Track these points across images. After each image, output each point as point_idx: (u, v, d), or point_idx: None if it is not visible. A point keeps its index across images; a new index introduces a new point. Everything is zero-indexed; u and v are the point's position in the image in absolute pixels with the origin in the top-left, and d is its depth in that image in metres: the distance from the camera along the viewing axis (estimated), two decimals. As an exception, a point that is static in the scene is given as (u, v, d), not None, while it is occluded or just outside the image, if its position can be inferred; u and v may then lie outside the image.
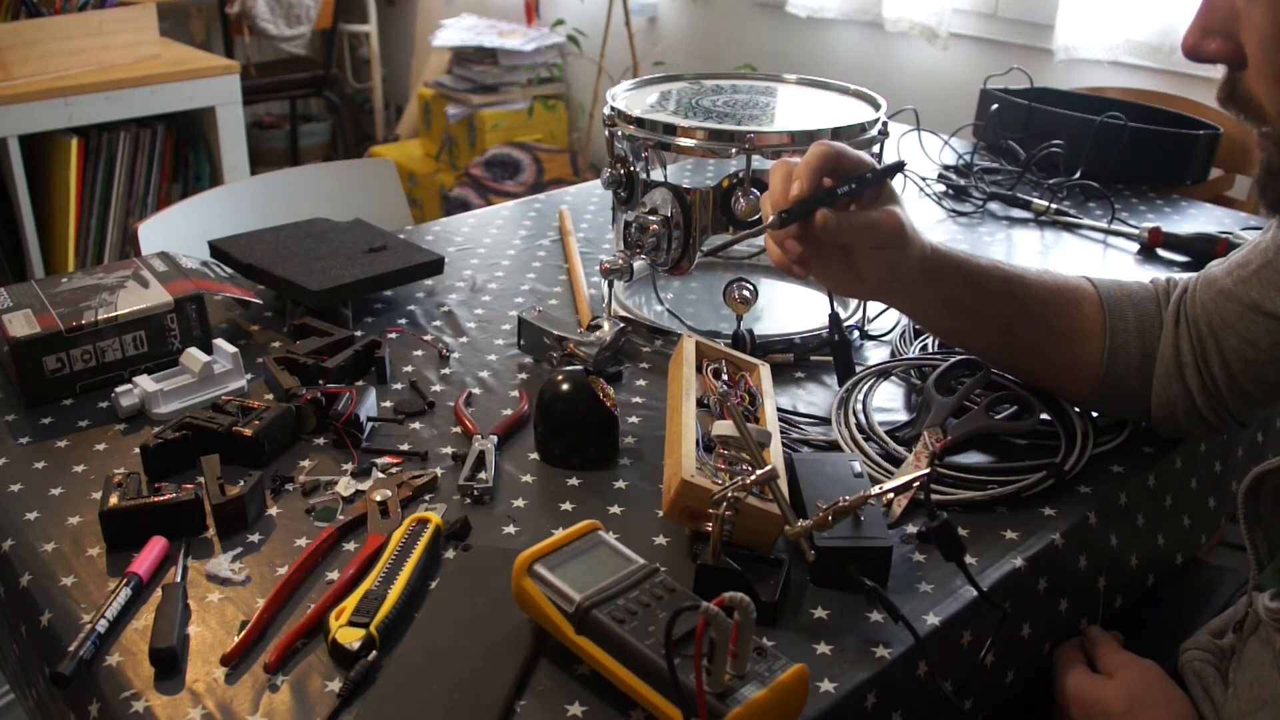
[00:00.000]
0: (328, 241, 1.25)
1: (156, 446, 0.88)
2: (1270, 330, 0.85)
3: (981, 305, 0.91)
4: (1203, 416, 0.91)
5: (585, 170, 3.68)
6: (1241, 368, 0.87)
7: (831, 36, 3.04)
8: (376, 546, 0.79)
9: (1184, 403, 0.91)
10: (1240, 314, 0.87)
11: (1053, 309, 0.92)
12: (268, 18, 3.92)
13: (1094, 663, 0.86)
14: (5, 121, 2.26)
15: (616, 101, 1.13)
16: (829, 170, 0.83)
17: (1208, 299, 0.90)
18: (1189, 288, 0.93)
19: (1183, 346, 0.90)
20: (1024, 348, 0.95)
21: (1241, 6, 0.65)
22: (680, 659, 0.61)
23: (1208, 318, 0.89)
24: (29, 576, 0.79)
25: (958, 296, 0.91)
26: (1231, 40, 0.66)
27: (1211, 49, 0.67)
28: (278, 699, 0.67)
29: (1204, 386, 0.90)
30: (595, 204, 1.59)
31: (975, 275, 0.91)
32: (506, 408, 1.01)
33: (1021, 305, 0.92)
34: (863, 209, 0.85)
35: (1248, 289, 0.86)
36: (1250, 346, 0.86)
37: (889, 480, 0.79)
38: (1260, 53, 0.64)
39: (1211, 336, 0.88)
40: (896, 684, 0.72)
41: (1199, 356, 0.89)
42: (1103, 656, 0.86)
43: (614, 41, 3.49)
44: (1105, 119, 1.59)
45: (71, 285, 1.07)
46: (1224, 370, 0.88)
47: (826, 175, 0.83)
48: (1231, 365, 0.88)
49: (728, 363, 0.98)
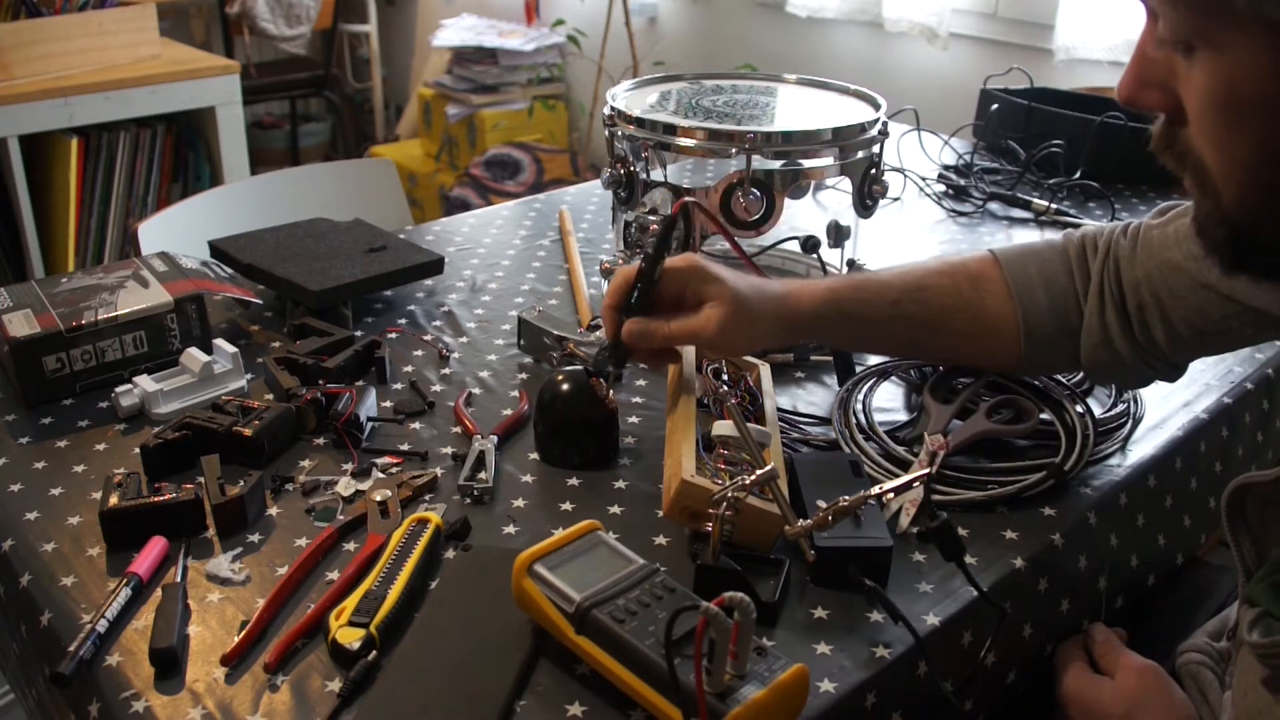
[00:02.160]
0: (328, 241, 1.25)
1: (156, 446, 0.88)
2: (1223, 306, 0.84)
3: (877, 335, 0.95)
4: (1133, 370, 0.92)
5: (585, 170, 3.68)
6: (1189, 333, 0.87)
7: (831, 36, 3.04)
8: (376, 546, 0.79)
9: (1113, 364, 0.91)
10: (1191, 289, 0.86)
11: (955, 314, 0.93)
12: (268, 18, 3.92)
13: (1096, 662, 0.86)
14: (5, 121, 2.26)
15: (616, 101, 1.13)
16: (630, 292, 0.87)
17: (1152, 268, 0.88)
18: (1114, 250, 0.91)
19: (1109, 319, 0.90)
20: (938, 350, 0.98)
21: (1180, 66, 0.60)
22: (680, 659, 0.61)
23: (1151, 286, 0.88)
24: (29, 576, 0.79)
25: (850, 334, 0.95)
26: (1169, 94, 0.62)
27: (1150, 100, 0.64)
28: (278, 699, 0.67)
29: (1136, 347, 0.90)
30: (595, 204, 1.59)
31: (860, 312, 0.92)
32: (506, 408, 1.01)
33: (921, 322, 0.93)
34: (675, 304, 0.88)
35: (1200, 267, 0.85)
36: (1200, 317, 0.86)
37: (889, 480, 0.79)
38: (1202, 116, 0.60)
39: (1155, 305, 0.88)
40: (896, 684, 0.72)
41: (1135, 323, 0.89)
42: (1104, 656, 0.86)
43: (614, 41, 3.49)
44: (1105, 119, 1.59)
45: (71, 285, 1.07)
46: (1167, 333, 0.88)
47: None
48: (1178, 330, 0.87)
49: (728, 363, 0.98)
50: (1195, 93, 0.60)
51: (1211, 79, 0.58)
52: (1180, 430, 1.01)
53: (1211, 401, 1.05)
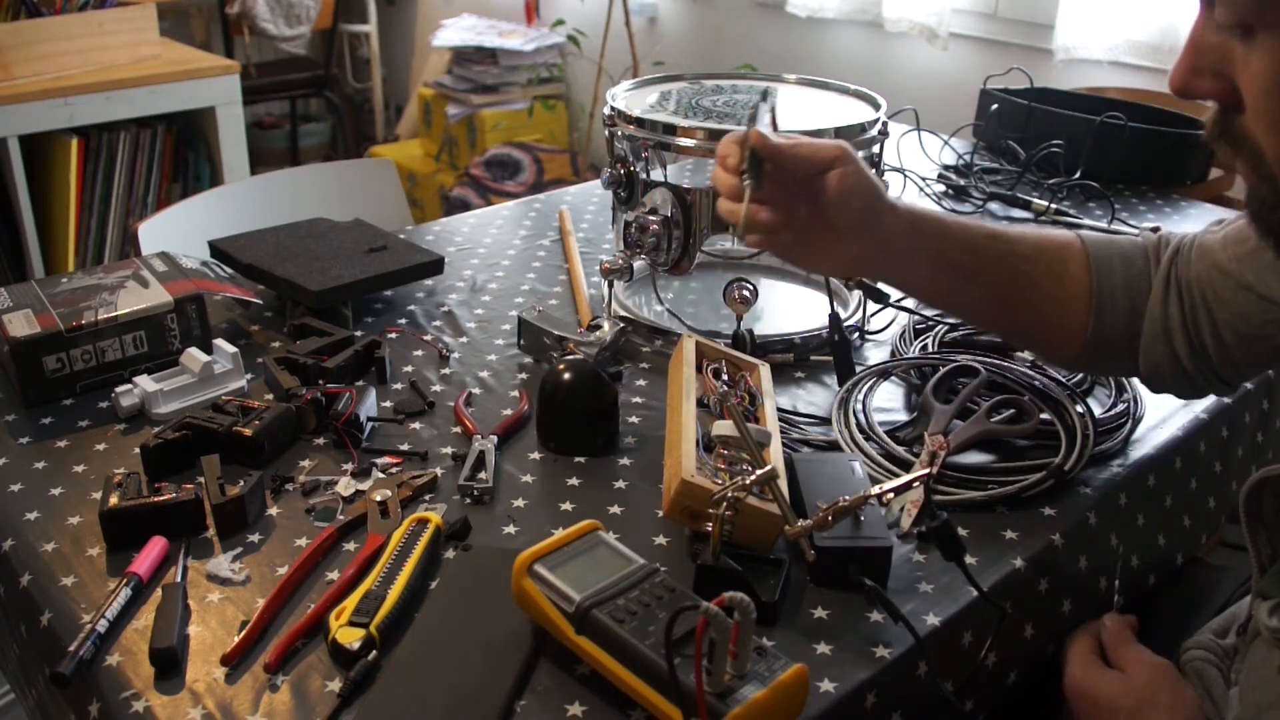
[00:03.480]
0: (328, 241, 1.25)
1: (156, 446, 0.88)
2: (1262, 310, 0.84)
3: (968, 260, 0.90)
4: (1190, 378, 0.90)
5: (585, 170, 3.68)
6: (1233, 340, 0.87)
7: (831, 36, 3.04)
8: (376, 546, 0.79)
9: (1170, 364, 0.90)
10: (1234, 291, 0.86)
11: (1040, 266, 0.91)
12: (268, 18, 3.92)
13: (1106, 654, 0.86)
14: (5, 121, 2.26)
15: (616, 101, 1.13)
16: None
17: (1202, 270, 0.88)
18: (1181, 249, 0.91)
19: (1171, 310, 0.89)
20: (1014, 305, 0.93)
21: (1236, 51, 0.61)
22: (680, 659, 0.61)
23: (1200, 287, 0.88)
24: (29, 576, 0.79)
25: (943, 250, 0.89)
26: (1222, 79, 0.63)
27: (1203, 88, 0.64)
28: (278, 699, 0.67)
29: (1192, 351, 0.89)
30: (595, 204, 1.59)
31: (958, 229, 0.90)
32: (506, 408, 1.01)
33: (1008, 262, 0.91)
34: None
35: (1242, 268, 0.85)
36: (1242, 321, 0.85)
37: (889, 480, 0.79)
38: (1261, 101, 0.61)
39: (1204, 306, 0.87)
40: (896, 684, 0.72)
41: (1190, 322, 0.88)
42: (1116, 649, 0.85)
43: (614, 41, 3.49)
44: (1105, 119, 1.59)
45: (71, 285, 1.07)
46: (1215, 339, 0.87)
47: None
48: (1223, 335, 0.87)
49: (728, 363, 0.98)
50: (1254, 76, 0.60)
51: (1272, 61, 0.59)
52: (1180, 430, 1.01)
53: (1211, 401, 1.05)
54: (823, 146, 0.84)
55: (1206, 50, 0.63)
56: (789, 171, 0.84)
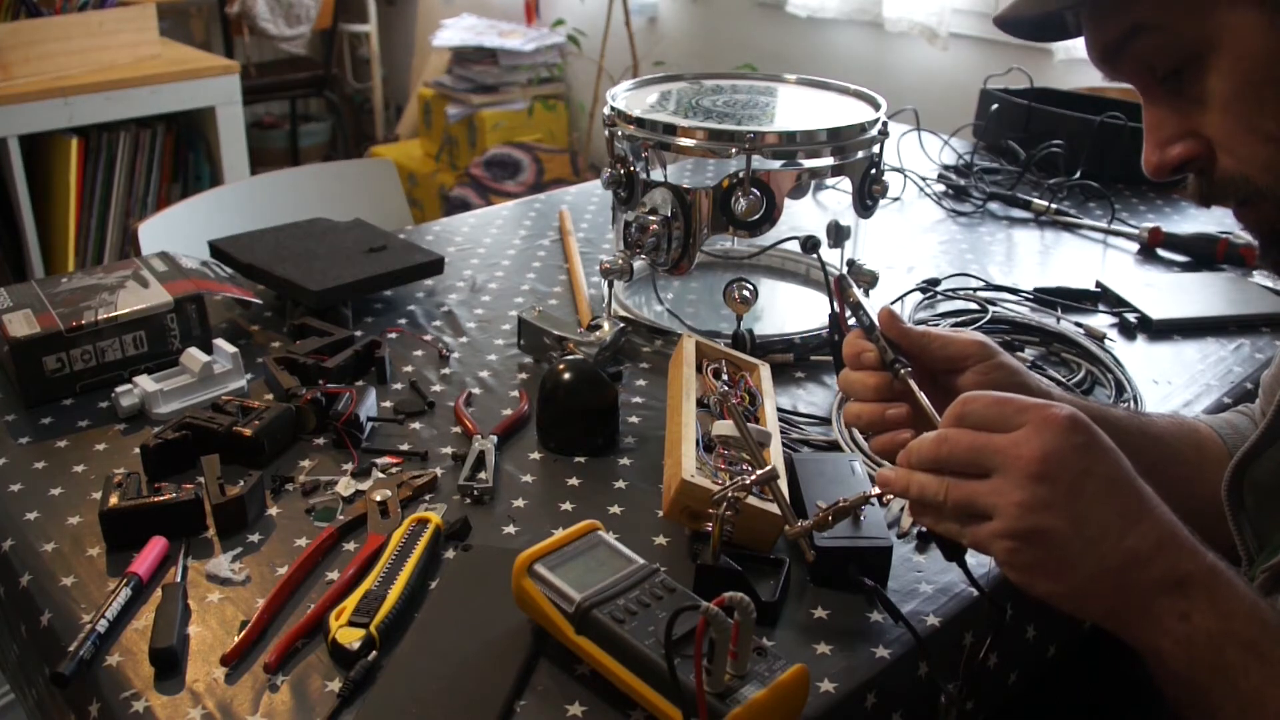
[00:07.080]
0: (328, 241, 1.25)
1: (156, 446, 0.88)
2: None
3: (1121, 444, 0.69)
4: None
5: (585, 170, 3.68)
6: None
7: (831, 36, 3.04)
8: (376, 546, 0.79)
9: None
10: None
11: (1180, 440, 0.87)
12: (268, 18, 3.92)
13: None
14: (5, 121, 2.26)
15: (616, 101, 1.13)
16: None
17: None
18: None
19: None
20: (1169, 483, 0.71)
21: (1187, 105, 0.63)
22: (680, 659, 0.61)
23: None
24: (29, 576, 0.79)
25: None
26: (1190, 137, 0.64)
27: (1176, 155, 0.65)
28: (278, 699, 0.67)
29: None
30: (595, 204, 1.59)
31: (1104, 415, 0.81)
32: (506, 408, 1.01)
33: (1154, 440, 0.84)
34: None
35: None
36: None
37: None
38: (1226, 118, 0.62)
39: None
40: (896, 684, 0.72)
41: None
42: (998, 404, 0.65)
43: (614, 41, 3.49)
44: (1105, 119, 1.59)
45: (71, 285, 1.07)
46: None
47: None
48: None
49: (728, 363, 0.98)
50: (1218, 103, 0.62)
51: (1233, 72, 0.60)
52: (1180, 430, 1.01)
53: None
54: (956, 341, 0.75)
55: (1165, 123, 0.65)
56: (921, 366, 0.75)
